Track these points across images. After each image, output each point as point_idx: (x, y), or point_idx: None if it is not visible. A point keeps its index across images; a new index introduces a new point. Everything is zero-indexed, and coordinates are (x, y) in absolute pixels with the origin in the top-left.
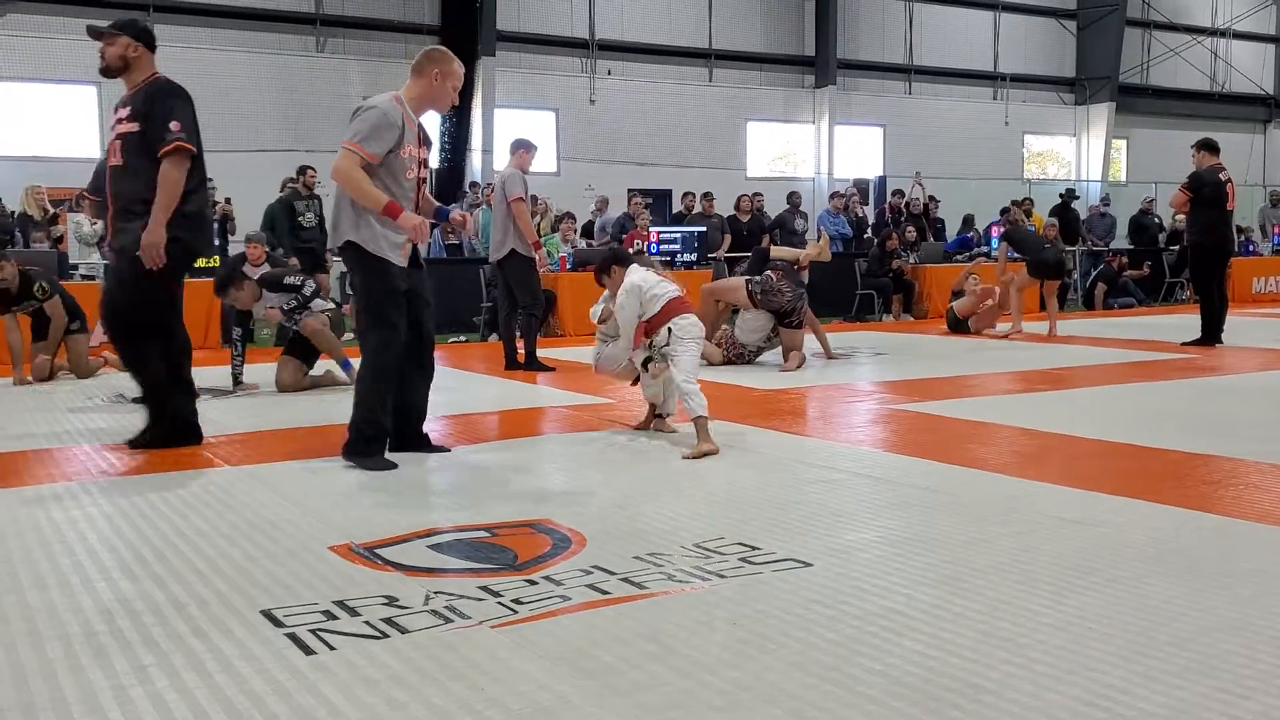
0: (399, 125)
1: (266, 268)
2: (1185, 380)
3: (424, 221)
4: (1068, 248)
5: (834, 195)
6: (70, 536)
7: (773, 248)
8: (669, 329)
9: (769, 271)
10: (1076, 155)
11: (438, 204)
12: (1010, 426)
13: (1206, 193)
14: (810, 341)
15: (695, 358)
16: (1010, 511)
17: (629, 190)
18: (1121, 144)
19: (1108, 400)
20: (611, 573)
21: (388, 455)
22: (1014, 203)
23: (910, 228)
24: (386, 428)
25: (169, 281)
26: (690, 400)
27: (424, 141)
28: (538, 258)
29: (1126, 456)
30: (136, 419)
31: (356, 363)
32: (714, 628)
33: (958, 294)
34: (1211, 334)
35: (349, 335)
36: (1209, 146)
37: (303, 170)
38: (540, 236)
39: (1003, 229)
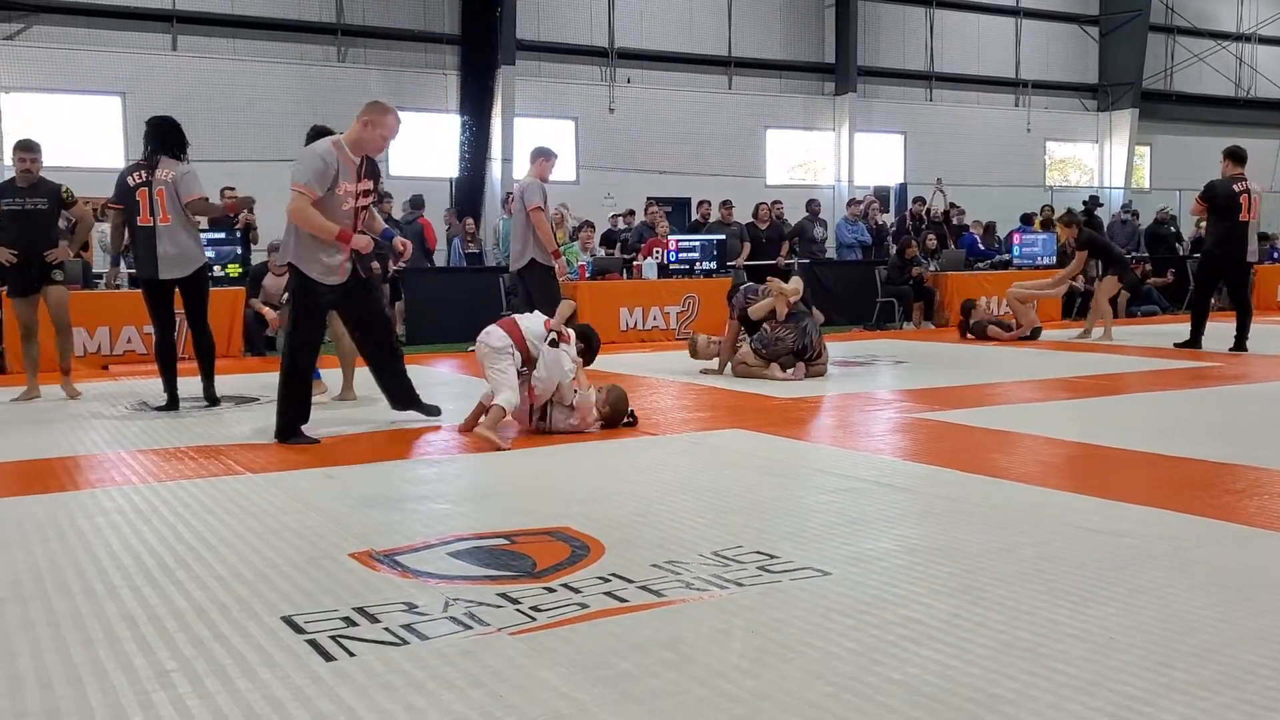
0: (334, 166)
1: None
2: (1210, 388)
3: (370, 239)
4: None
5: (851, 203)
6: (94, 543)
7: (749, 309)
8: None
9: (764, 327)
10: (1099, 162)
11: (385, 226)
12: (1032, 435)
13: (1220, 203)
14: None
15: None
16: (1031, 520)
17: (648, 199)
18: (1145, 150)
19: (1131, 408)
20: (630, 580)
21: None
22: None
23: (931, 235)
24: (305, 410)
25: None
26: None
27: (368, 174)
28: (557, 266)
29: (1150, 465)
30: (160, 425)
31: (325, 373)
32: (732, 636)
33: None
34: (1198, 339)
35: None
36: (1232, 155)
37: None
38: (559, 245)
39: (1058, 232)
